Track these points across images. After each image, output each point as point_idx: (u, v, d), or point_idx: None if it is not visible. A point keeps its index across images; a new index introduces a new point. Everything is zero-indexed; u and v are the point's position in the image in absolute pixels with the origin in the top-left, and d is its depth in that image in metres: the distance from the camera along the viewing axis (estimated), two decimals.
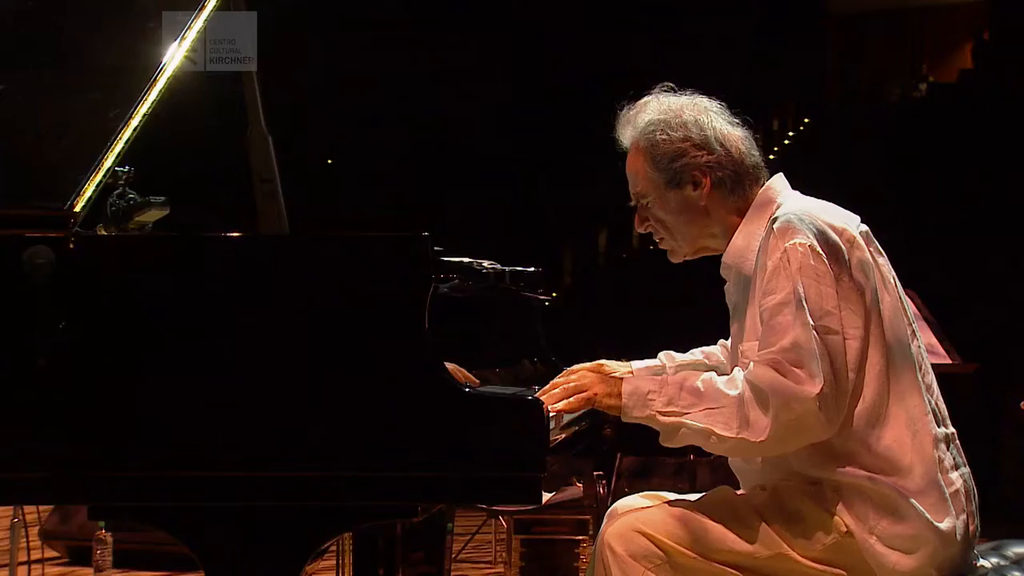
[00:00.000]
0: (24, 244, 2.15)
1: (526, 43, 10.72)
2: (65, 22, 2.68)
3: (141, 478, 2.17)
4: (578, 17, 10.56)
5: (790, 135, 16.75)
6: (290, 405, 2.12)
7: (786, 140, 16.55)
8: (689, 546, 2.47)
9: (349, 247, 2.17)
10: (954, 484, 2.51)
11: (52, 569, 5.55)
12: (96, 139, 2.31)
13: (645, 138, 2.64)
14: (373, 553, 2.85)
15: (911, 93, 17.51)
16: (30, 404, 2.17)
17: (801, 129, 16.89)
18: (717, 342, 2.90)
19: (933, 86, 17.30)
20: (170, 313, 2.16)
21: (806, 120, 17.02)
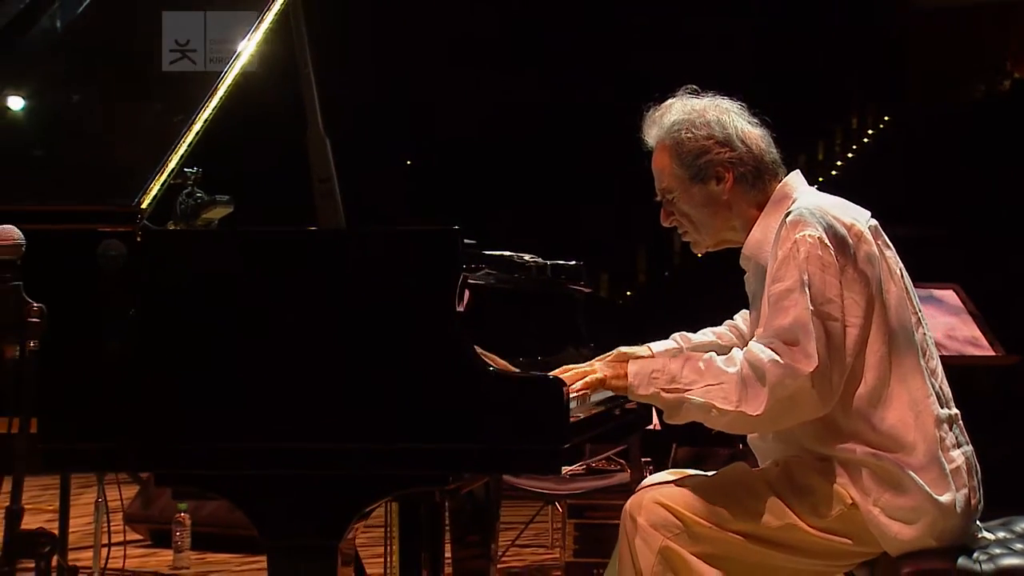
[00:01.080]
0: (98, 238, 2.40)
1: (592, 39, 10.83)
2: (132, 34, 2.93)
3: (203, 449, 2.40)
4: (647, 11, 10.65)
5: (870, 133, 16.74)
6: (333, 383, 2.34)
7: (865, 139, 16.55)
8: (705, 517, 2.66)
9: (387, 240, 2.40)
10: (955, 461, 2.67)
11: (135, 550, 5.85)
12: (162, 142, 2.55)
13: (671, 137, 2.83)
14: (417, 529, 3.06)
15: (995, 89, 17.38)
16: (106, 381, 2.41)
17: (881, 127, 16.86)
18: (724, 323, 3.09)
19: (1018, 82, 17.16)
20: (227, 300, 2.39)
21: (886, 118, 16.98)
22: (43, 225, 2.36)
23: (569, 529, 4.70)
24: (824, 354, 2.58)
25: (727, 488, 2.70)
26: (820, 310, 2.61)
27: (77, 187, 2.56)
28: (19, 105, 2.82)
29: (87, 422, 2.41)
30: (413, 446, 2.32)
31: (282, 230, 2.44)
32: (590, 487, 4.57)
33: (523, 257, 3.21)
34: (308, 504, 2.36)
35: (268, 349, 2.36)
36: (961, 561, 2.62)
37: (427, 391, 2.32)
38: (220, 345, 2.39)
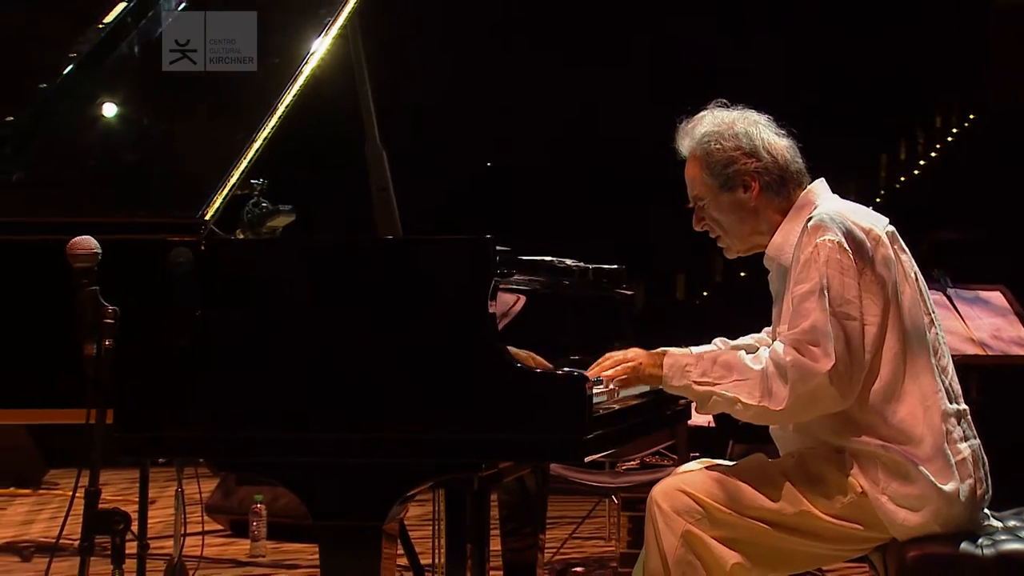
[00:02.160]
0: (167, 247, 2.65)
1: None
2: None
3: (261, 439, 2.64)
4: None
5: (954, 131, 16.67)
6: (376, 378, 2.57)
7: (949, 137, 16.49)
8: (725, 503, 2.86)
9: (425, 248, 2.63)
10: (961, 453, 2.85)
11: (216, 539, 6.16)
12: (227, 156, 2.79)
13: (701, 148, 3.03)
14: (463, 520, 3.27)
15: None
16: (174, 377, 2.66)
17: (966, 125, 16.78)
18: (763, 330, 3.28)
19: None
20: (281, 302, 2.63)
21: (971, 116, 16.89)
22: (118, 235, 2.61)
23: (623, 521, 4.90)
24: (843, 353, 2.76)
25: (745, 477, 2.90)
26: (839, 311, 2.79)
27: (150, 199, 2.81)
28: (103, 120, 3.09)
29: (158, 414, 2.65)
30: (447, 436, 2.55)
31: (328, 239, 2.67)
32: (642, 481, 4.77)
33: (564, 262, 3.42)
34: (354, 489, 2.59)
35: (317, 347, 2.60)
36: (964, 546, 2.80)
37: (460, 386, 2.54)
38: (275, 344, 2.63)
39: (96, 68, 3.09)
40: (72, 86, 3.00)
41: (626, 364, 2.86)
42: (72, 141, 2.94)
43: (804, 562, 3.00)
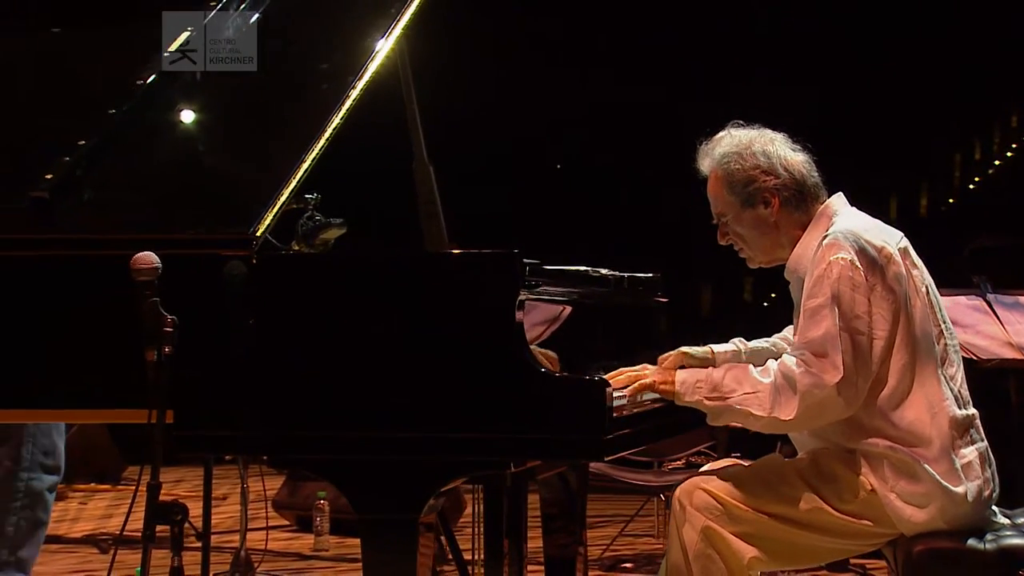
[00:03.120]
0: (222, 261, 2.88)
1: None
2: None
3: (307, 437, 2.86)
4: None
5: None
6: (411, 382, 2.78)
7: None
8: (742, 501, 3.04)
9: (456, 261, 2.85)
10: (967, 457, 3.01)
11: (282, 534, 6.43)
12: (277, 176, 3.01)
13: (721, 168, 3.21)
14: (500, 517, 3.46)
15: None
16: (229, 380, 2.89)
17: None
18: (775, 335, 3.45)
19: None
20: (324, 311, 2.85)
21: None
22: (177, 251, 2.84)
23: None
24: (850, 364, 2.93)
25: (762, 476, 3.08)
26: (849, 325, 2.96)
27: (208, 216, 3.03)
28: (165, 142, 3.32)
29: (214, 414, 2.88)
30: (477, 436, 2.75)
31: (366, 253, 2.89)
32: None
33: (599, 271, 3.62)
34: (391, 484, 2.80)
35: (358, 353, 2.81)
36: (970, 542, 2.96)
37: (489, 390, 2.75)
38: (320, 350, 2.84)
39: (160, 94, 3.32)
40: (137, 112, 3.24)
41: (640, 382, 3.05)
42: (136, 163, 3.16)
43: (818, 556, 3.19)
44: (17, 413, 3.31)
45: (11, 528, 4.01)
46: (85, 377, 2.92)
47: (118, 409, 2.91)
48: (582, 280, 3.48)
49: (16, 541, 4.03)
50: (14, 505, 4.01)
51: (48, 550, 6.14)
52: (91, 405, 2.97)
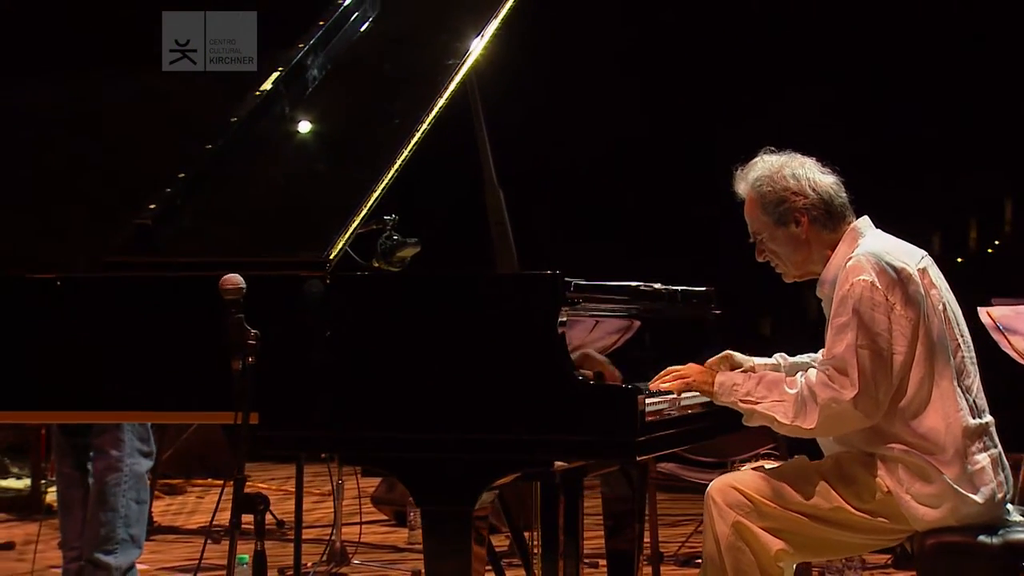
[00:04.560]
0: (301, 280, 3.24)
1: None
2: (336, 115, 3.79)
3: (376, 437, 3.22)
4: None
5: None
6: (465, 389, 3.12)
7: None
8: (770, 498, 3.33)
9: (503, 282, 3.19)
10: (979, 463, 3.27)
11: (380, 528, 6.82)
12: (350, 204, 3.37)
13: (755, 190, 3.50)
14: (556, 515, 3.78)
15: None
16: (307, 386, 3.25)
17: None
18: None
19: None
20: (388, 325, 3.20)
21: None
22: (260, 272, 3.21)
23: None
24: (869, 379, 3.21)
25: (788, 476, 3.37)
26: (871, 342, 3.24)
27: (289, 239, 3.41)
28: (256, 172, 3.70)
29: (294, 416, 3.24)
30: (523, 437, 3.09)
31: (425, 274, 3.25)
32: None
33: (652, 286, 3.92)
34: (447, 479, 3.14)
35: (417, 363, 3.16)
36: (980, 537, 3.22)
37: (531, 397, 3.07)
38: (386, 360, 3.20)
39: (252, 128, 3.71)
40: (231, 146, 3.63)
41: (682, 380, 3.36)
42: (228, 192, 3.55)
43: (839, 549, 3.47)
44: (128, 415, 3.77)
45: (123, 508, 4.47)
46: (181, 383, 3.31)
47: (209, 412, 3.29)
48: (637, 295, 3.79)
49: (128, 520, 4.50)
50: (124, 487, 4.48)
51: (166, 540, 6.65)
52: (187, 408, 3.37)
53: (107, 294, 3.38)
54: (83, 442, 4.58)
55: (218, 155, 3.59)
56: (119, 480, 4.48)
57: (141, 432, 4.57)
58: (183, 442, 8.13)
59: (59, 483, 4.82)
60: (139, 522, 4.57)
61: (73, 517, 4.63)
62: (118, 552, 4.50)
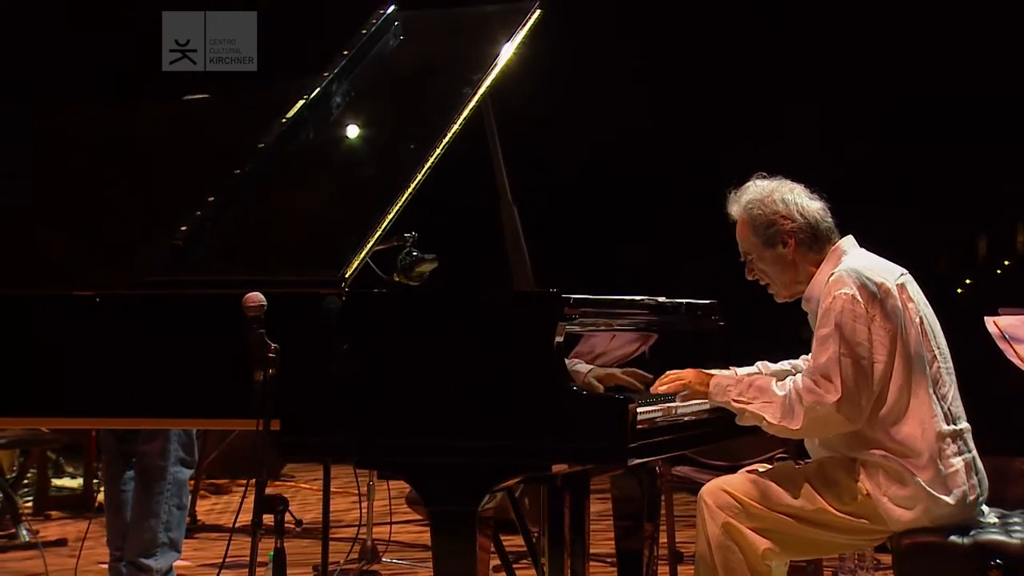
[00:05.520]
0: (320, 297, 3.50)
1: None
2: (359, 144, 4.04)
3: (388, 443, 3.47)
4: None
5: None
6: (470, 399, 3.36)
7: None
8: (758, 500, 3.56)
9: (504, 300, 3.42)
10: (954, 466, 3.48)
11: (414, 528, 7.08)
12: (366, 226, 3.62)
13: (747, 212, 3.73)
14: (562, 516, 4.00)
15: None
16: (326, 395, 3.50)
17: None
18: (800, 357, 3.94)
19: None
20: (398, 339, 3.45)
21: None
22: (281, 290, 3.47)
23: None
24: (851, 386, 3.43)
25: (775, 480, 3.59)
26: (852, 351, 3.46)
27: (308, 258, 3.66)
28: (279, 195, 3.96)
29: (313, 424, 3.50)
30: (521, 444, 3.32)
31: (430, 292, 3.49)
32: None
33: (657, 299, 4.15)
34: (454, 482, 3.38)
35: (426, 374, 3.41)
36: (952, 537, 3.44)
37: (531, 406, 3.31)
38: (396, 371, 3.45)
39: (278, 153, 3.97)
40: (258, 170, 3.89)
41: (679, 382, 3.59)
42: (254, 214, 3.81)
43: (824, 549, 3.69)
44: (162, 421, 4.08)
45: (165, 515, 4.77)
46: (208, 392, 3.58)
47: (234, 419, 3.56)
48: (637, 308, 4.02)
49: (169, 525, 4.79)
50: (167, 495, 4.77)
51: (209, 538, 6.95)
52: (213, 415, 3.64)
53: (143, 310, 3.66)
54: (130, 448, 4.89)
55: (245, 179, 3.85)
56: (163, 488, 4.78)
57: (185, 442, 4.86)
58: (227, 444, 8.43)
59: (106, 486, 5.13)
60: (179, 527, 4.87)
61: (119, 518, 4.93)
62: (158, 556, 4.81)
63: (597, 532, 5.49)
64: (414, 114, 4.15)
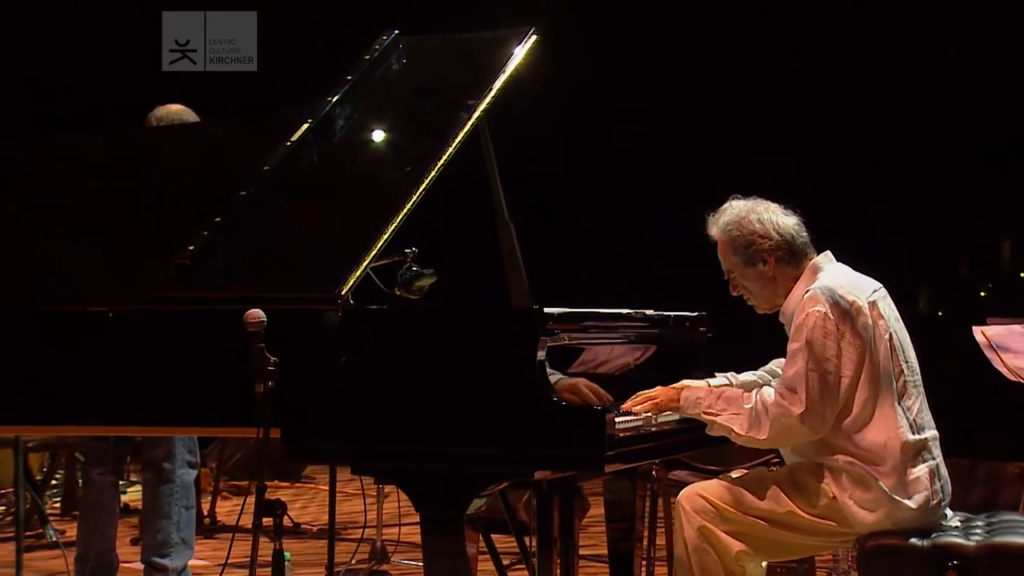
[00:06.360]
0: (320, 313, 3.71)
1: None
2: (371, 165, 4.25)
3: (382, 451, 3.68)
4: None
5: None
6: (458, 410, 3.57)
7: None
8: (731, 505, 3.76)
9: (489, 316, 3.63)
10: (916, 474, 3.67)
11: None
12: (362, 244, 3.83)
13: (725, 233, 3.92)
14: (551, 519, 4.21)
15: None
16: (324, 405, 3.72)
17: None
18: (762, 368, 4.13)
19: None
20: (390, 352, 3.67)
21: None
22: (280, 306, 3.68)
23: None
24: (816, 399, 3.63)
25: (748, 485, 3.79)
26: (820, 366, 3.65)
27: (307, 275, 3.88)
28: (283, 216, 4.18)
29: (312, 431, 3.72)
30: (505, 452, 3.53)
31: (418, 309, 3.71)
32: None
33: (644, 312, 4.34)
34: (443, 488, 3.60)
35: (416, 386, 3.62)
36: (912, 540, 3.63)
37: (515, 417, 3.52)
38: (388, 383, 3.66)
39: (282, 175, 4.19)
40: (262, 192, 4.11)
41: (650, 401, 3.78)
42: (257, 234, 4.04)
43: (795, 551, 3.89)
44: (170, 429, 4.33)
45: (175, 515, 5.01)
46: (213, 401, 3.81)
47: (238, 427, 3.78)
48: (621, 321, 4.22)
49: (180, 525, 5.04)
50: (176, 497, 5.02)
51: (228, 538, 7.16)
52: (218, 424, 3.88)
53: (152, 324, 3.90)
54: (121, 451, 5.13)
55: (250, 200, 4.08)
56: (172, 491, 5.03)
57: (189, 445, 5.11)
58: (250, 448, 8.67)
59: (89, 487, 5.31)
60: (188, 526, 5.12)
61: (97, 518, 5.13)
62: (173, 555, 5.05)
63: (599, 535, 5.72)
64: (413, 136, 4.37)
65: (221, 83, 7.14)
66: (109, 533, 5.19)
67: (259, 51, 4.19)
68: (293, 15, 7.78)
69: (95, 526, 5.13)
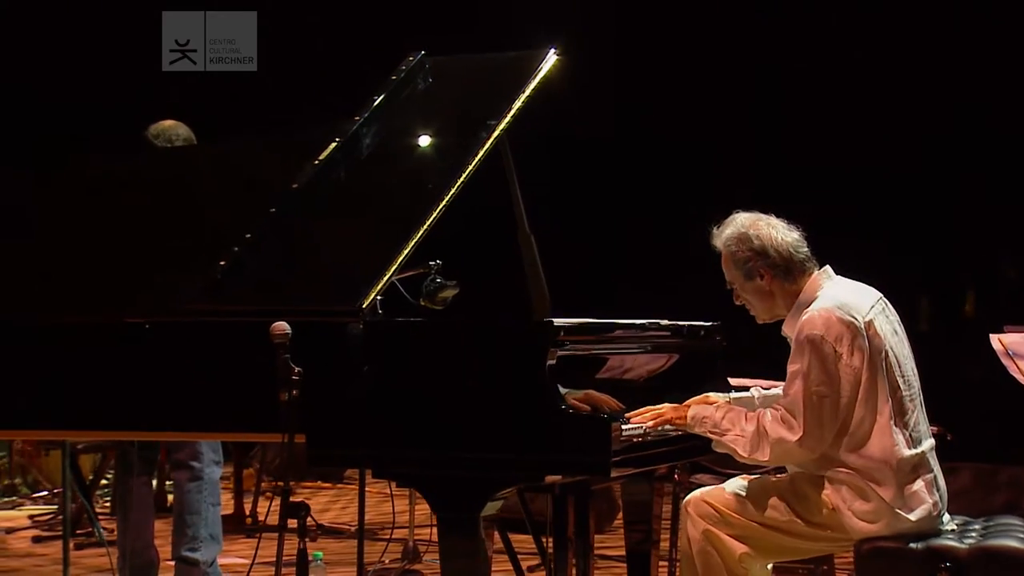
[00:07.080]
0: (343, 325, 3.91)
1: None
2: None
3: (400, 456, 3.87)
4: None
5: None
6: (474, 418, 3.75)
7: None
8: (735, 511, 3.92)
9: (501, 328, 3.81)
10: (914, 488, 3.82)
11: None
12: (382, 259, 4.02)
13: (726, 248, 4.07)
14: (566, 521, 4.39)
15: None
16: (348, 412, 3.91)
17: None
18: None
19: None
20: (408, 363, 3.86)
21: None
22: (305, 318, 3.88)
23: None
24: (813, 423, 3.78)
25: (751, 492, 3.95)
26: (817, 389, 3.80)
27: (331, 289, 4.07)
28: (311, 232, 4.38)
29: (334, 437, 3.92)
30: (517, 456, 3.72)
31: (437, 322, 3.90)
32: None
33: (657, 322, 4.50)
34: (458, 491, 3.78)
35: (434, 394, 3.81)
36: (910, 544, 3.76)
37: (525, 424, 3.70)
38: (408, 391, 3.85)
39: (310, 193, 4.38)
40: (291, 209, 4.31)
41: (659, 418, 3.94)
42: (287, 249, 4.24)
43: (795, 553, 4.06)
44: (200, 434, 4.59)
45: (204, 512, 5.25)
46: (240, 408, 4.02)
47: (263, 433, 3.99)
48: (633, 332, 4.39)
49: (208, 520, 5.28)
50: (204, 494, 5.25)
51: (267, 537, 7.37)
52: (246, 429, 4.10)
53: (185, 335, 4.11)
54: (149, 455, 5.40)
55: (279, 217, 4.28)
56: (200, 488, 5.25)
57: (213, 444, 5.34)
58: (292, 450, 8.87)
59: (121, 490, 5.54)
60: (216, 523, 5.35)
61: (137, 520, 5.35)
62: (203, 549, 5.28)
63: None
64: (435, 154, 4.56)
65: (221, 83, 7.22)
66: (146, 529, 5.41)
67: (259, 51, 4.26)
68: (293, 15, 7.84)
69: (132, 523, 5.35)
